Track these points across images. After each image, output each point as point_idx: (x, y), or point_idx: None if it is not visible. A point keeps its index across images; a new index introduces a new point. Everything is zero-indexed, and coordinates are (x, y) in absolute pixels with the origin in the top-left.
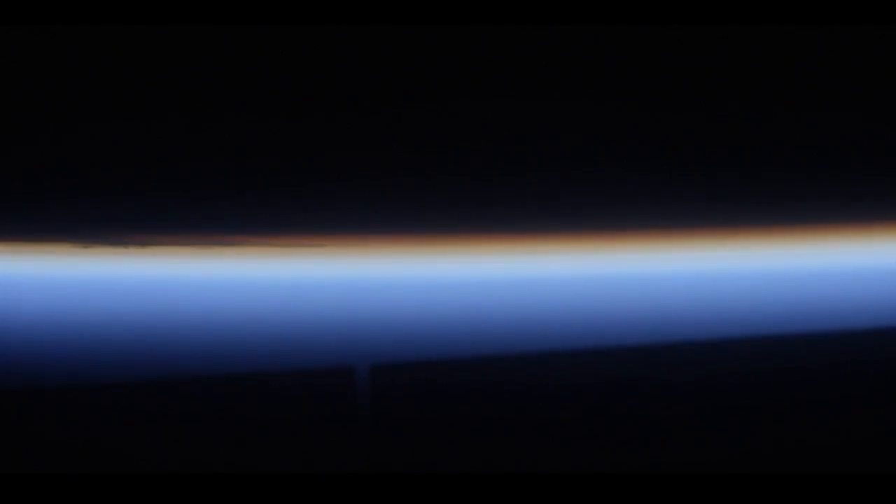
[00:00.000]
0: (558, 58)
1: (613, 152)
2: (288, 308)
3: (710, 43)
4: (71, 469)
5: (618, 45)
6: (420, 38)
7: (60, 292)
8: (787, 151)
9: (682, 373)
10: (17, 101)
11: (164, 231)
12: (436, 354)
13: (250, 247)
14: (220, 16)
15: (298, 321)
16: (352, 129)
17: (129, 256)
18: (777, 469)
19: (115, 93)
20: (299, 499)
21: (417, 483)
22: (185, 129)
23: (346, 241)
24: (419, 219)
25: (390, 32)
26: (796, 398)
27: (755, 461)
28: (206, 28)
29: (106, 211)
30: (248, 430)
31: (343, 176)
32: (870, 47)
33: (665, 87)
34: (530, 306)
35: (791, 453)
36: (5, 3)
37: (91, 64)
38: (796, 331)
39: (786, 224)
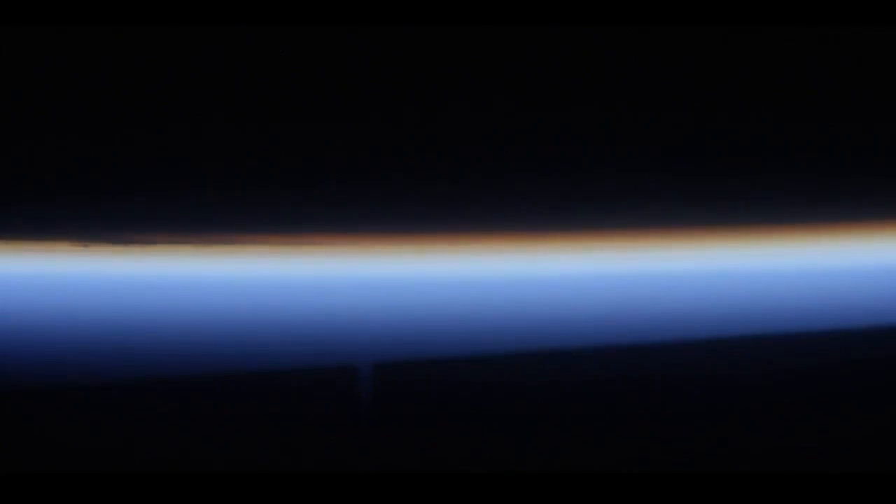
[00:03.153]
0: (556, 58)
1: (613, 151)
2: (290, 307)
3: (709, 43)
4: (71, 469)
5: (617, 45)
6: (419, 39)
7: (60, 291)
8: (787, 151)
9: (682, 372)
10: (16, 101)
11: (166, 229)
12: (439, 353)
13: (252, 245)
14: (220, 16)
15: (301, 320)
16: (354, 127)
17: (130, 255)
18: (776, 469)
19: (115, 92)
20: (302, 498)
21: (420, 482)
22: (186, 127)
23: (349, 239)
24: (422, 217)
25: (390, 32)
26: (796, 397)
27: (754, 461)
28: (206, 28)
29: (106, 209)
30: (251, 429)
31: (346, 174)
32: (870, 47)
33: (664, 87)
34: (533, 305)
35: (791, 453)
36: (5, 3)
37: (90, 63)
38: (795, 330)
39: (785, 223)
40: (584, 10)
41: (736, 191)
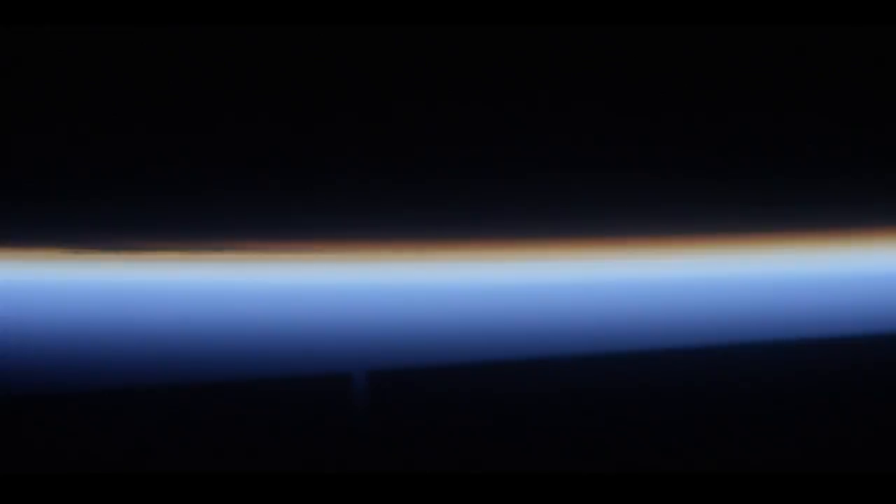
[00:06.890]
0: (556, 60)
1: (614, 157)
2: (286, 314)
3: (708, 45)
4: (66, 473)
5: (616, 46)
6: (420, 40)
7: (52, 298)
8: (786, 155)
9: (679, 378)
10: (10, 106)
11: (158, 237)
12: (433, 361)
13: (247, 253)
14: (219, 17)
15: (296, 327)
16: (350, 134)
17: (123, 262)
18: (777, 470)
19: (110, 97)
20: (296, 503)
21: (414, 487)
22: (179, 133)
23: (344, 246)
24: (417, 225)
25: (389, 34)
26: (796, 402)
27: (755, 463)
28: (203, 30)
29: (98, 216)
30: (247, 435)
31: (341, 181)
32: (869, 49)
33: (663, 90)
34: (528, 313)
35: (791, 455)
36: (5, 3)
37: (86, 67)
38: (796, 336)
39: (786, 229)
40: (582, 10)
41: (737, 197)
